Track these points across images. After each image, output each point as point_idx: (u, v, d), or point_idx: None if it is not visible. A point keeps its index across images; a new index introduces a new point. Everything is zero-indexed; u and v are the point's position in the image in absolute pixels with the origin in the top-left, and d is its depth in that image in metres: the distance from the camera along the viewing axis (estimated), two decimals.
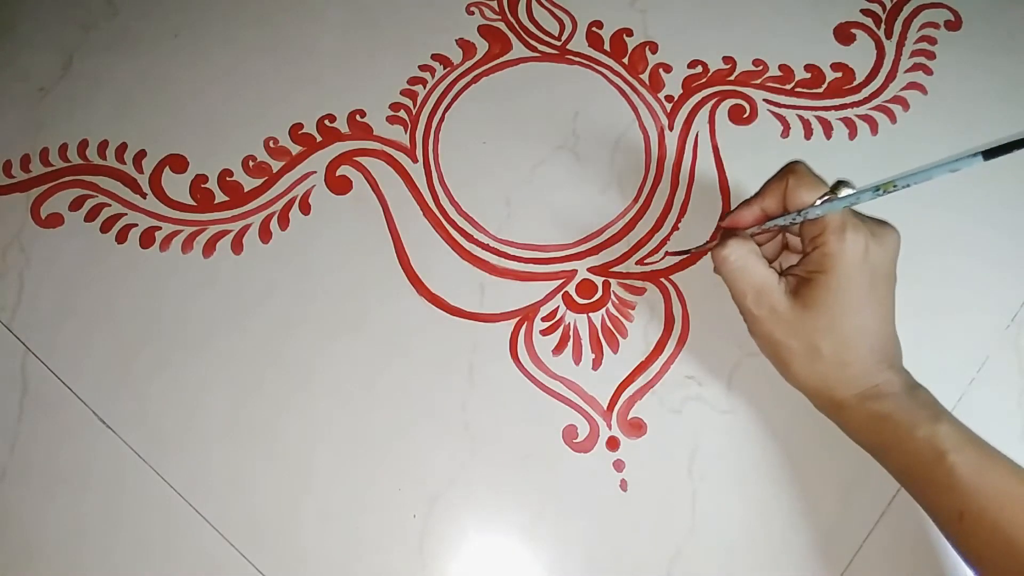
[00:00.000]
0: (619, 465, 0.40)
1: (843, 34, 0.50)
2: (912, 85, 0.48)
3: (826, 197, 0.34)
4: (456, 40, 0.50)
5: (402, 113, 0.48)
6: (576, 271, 0.44)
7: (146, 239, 0.45)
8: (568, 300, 0.43)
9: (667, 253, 0.44)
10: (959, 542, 0.33)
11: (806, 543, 0.39)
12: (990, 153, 0.26)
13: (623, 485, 0.40)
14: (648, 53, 0.50)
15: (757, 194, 0.37)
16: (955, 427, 0.33)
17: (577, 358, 0.42)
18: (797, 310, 0.34)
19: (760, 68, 0.49)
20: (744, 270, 0.35)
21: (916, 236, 0.44)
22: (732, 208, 0.39)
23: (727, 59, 0.49)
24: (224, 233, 0.45)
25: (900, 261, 0.43)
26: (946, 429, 0.32)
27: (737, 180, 0.46)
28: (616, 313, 0.43)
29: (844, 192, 0.33)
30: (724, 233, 0.39)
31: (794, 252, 0.39)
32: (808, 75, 0.49)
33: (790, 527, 0.39)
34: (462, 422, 0.41)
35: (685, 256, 0.44)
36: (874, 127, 0.47)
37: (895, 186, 0.30)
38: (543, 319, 0.43)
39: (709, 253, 0.39)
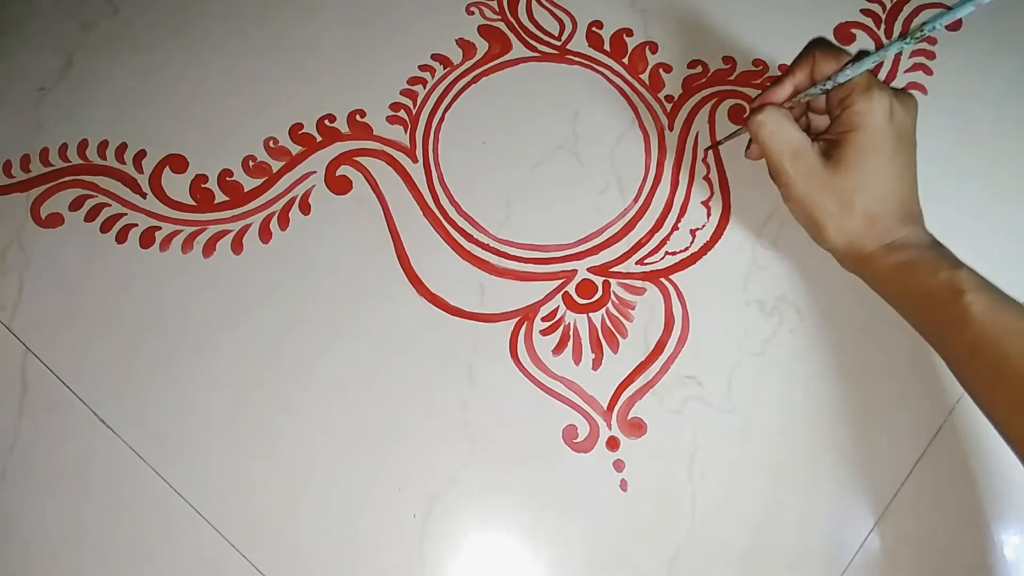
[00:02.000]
0: (619, 465, 0.40)
1: (843, 34, 0.50)
2: (912, 85, 0.48)
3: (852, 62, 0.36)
4: (456, 40, 0.50)
5: (402, 113, 0.48)
6: (576, 271, 0.44)
7: (146, 239, 0.45)
8: (568, 300, 0.43)
9: (709, 147, 0.46)
10: (969, 380, 0.34)
11: (806, 543, 0.39)
12: None
13: (623, 485, 0.40)
14: (648, 53, 0.50)
15: (784, 73, 0.39)
16: (973, 273, 0.34)
17: (577, 358, 0.42)
18: (831, 169, 0.36)
19: (760, 68, 0.49)
20: (780, 132, 0.37)
21: None
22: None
23: (727, 59, 0.49)
24: (224, 233, 0.45)
25: None
26: (965, 273, 0.34)
27: (737, 180, 0.46)
28: (616, 313, 0.43)
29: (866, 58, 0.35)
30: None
31: (816, 132, 0.41)
32: None
33: (790, 527, 0.39)
34: (462, 422, 0.41)
35: (720, 144, 0.46)
36: None
37: (922, 31, 0.32)
38: (543, 319, 0.43)
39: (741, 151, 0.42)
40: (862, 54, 0.36)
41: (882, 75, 0.49)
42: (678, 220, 0.45)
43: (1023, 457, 0.32)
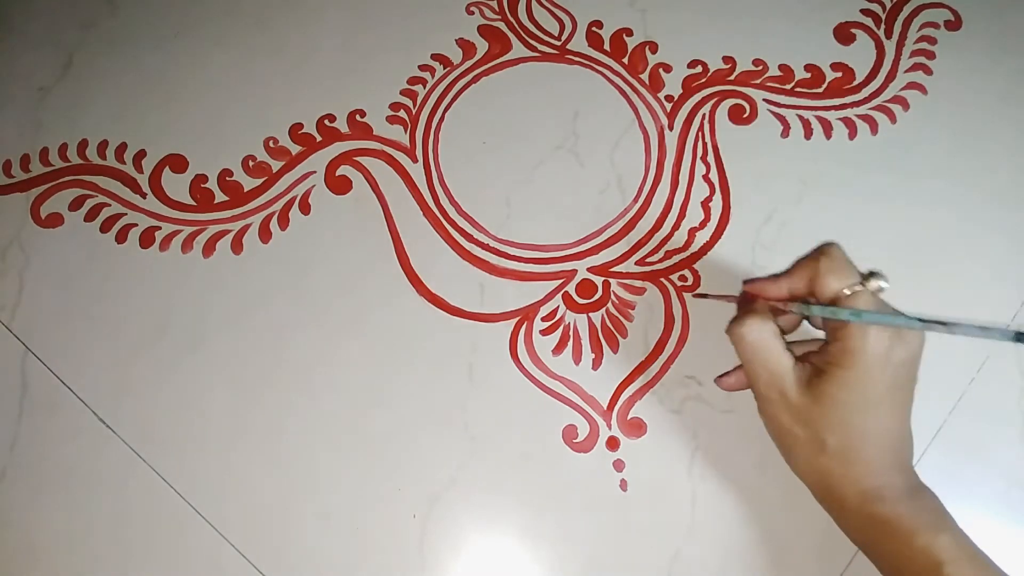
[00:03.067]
0: (619, 465, 0.40)
1: (843, 34, 0.50)
2: (912, 85, 0.48)
3: (856, 287, 0.32)
4: (456, 40, 0.50)
5: (402, 113, 0.48)
6: (576, 271, 0.44)
7: (146, 239, 0.45)
8: (568, 300, 0.43)
9: (694, 295, 0.43)
10: None
11: (806, 543, 0.39)
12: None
13: (623, 485, 0.40)
14: (648, 53, 0.50)
15: (787, 271, 0.35)
16: (956, 539, 0.31)
17: (577, 358, 0.42)
18: (808, 400, 0.33)
19: (760, 68, 0.49)
20: (760, 351, 0.34)
21: (917, 237, 0.44)
22: (753, 279, 0.37)
23: (727, 59, 0.49)
24: (224, 233, 0.45)
25: (901, 260, 0.43)
26: (946, 540, 0.31)
27: (737, 180, 0.46)
28: (616, 313, 0.43)
29: (874, 283, 0.32)
30: (743, 297, 0.38)
31: (814, 327, 0.38)
32: (808, 75, 0.49)
33: (790, 527, 0.39)
34: (462, 422, 0.41)
35: (706, 298, 0.43)
36: (874, 127, 0.47)
37: (921, 321, 0.30)
38: (543, 319, 0.43)
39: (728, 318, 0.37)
40: (872, 275, 0.32)
41: (881, 76, 0.49)
42: (678, 220, 0.45)
43: None
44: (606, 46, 0.50)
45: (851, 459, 0.33)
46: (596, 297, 0.43)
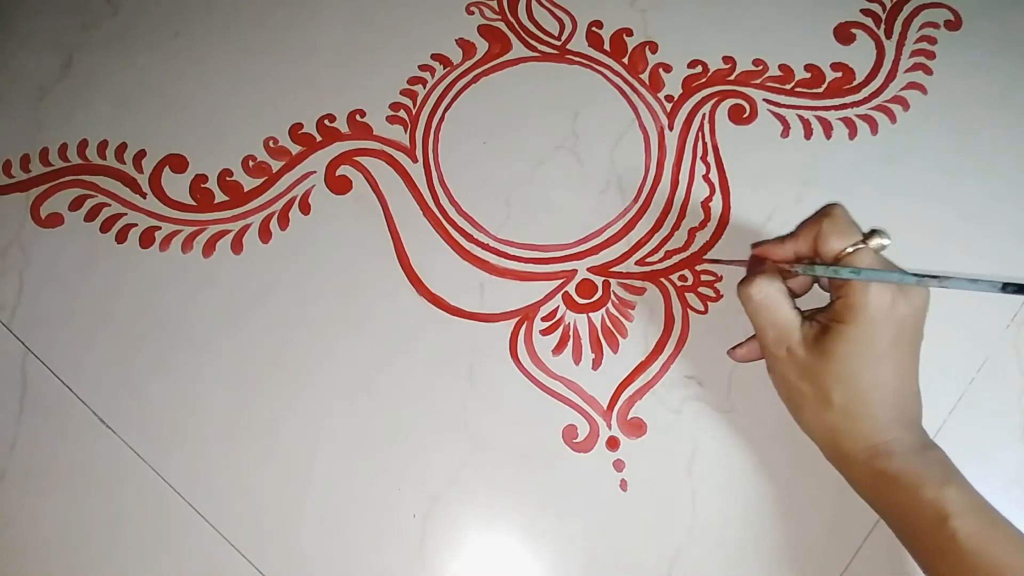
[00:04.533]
0: (619, 465, 0.40)
1: (843, 34, 0.50)
2: (912, 85, 0.48)
3: (858, 246, 0.33)
4: (456, 40, 0.50)
5: (402, 113, 0.48)
6: (576, 271, 0.44)
7: (146, 239, 0.45)
8: (568, 300, 0.43)
9: (704, 259, 0.44)
10: None
11: (806, 543, 0.39)
12: (1009, 287, 0.28)
13: (623, 485, 0.40)
14: (648, 53, 0.50)
15: (791, 233, 0.36)
16: (963, 492, 0.32)
17: (577, 358, 0.42)
18: (814, 356, 0.34)
19: (760, 68, 0.49)
20: (767, 308, 0.35)
21: (917, 235, 0.44)
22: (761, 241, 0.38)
23: (727, 59, 0.49)
24: (224, 233, 0.45)
25: (901, 260, 0.43)
26: (953, 493, 0.31)
27: (737, 180, 0.46)
28: (616, 313, 0.43)
29: (876, 241, 0.33)
30: (753, 261, 0.38)
31: (823, 288, 0.39)
32: (808, 75, 0.49)
33: (790, 527, 0.39)
34: (462, 422, 0.41)
35: (718, 264, 0.44)
36: (874, 127, 0.47)
37: (916, 276, 0.30)
38: (543, 319, 0.43)
39: (736, 280, 0.38)
40: (873, 233, 0.33)
41: (881, 76, 0.49)
42: (678, 220, 0.45)
43: None
44: (606, 46, 0.50)
45: (857, 414, 0.33)
46: (596, 297, 0.43)
